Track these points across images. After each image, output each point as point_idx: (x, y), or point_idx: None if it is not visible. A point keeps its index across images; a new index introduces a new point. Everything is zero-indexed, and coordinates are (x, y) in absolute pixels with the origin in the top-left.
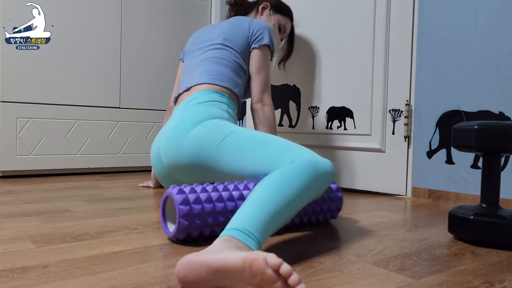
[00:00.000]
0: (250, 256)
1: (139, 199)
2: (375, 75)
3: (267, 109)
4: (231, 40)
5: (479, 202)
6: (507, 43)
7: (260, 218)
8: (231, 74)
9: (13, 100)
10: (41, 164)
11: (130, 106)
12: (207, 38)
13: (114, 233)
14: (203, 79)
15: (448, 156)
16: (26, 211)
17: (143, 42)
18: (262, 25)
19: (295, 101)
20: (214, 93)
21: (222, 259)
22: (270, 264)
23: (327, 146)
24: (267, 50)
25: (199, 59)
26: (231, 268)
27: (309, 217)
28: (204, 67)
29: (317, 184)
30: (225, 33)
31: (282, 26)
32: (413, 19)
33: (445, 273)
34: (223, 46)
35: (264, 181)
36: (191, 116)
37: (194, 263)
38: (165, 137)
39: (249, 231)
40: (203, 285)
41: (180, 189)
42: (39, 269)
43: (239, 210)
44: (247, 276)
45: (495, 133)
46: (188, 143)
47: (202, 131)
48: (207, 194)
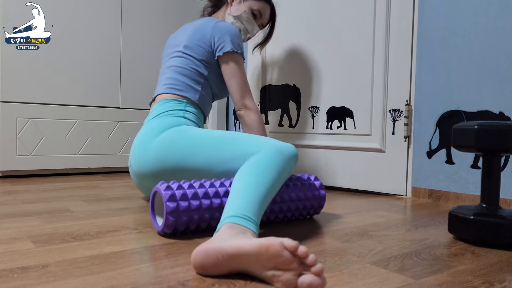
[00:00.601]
0: (265, 242)
1: (139, 199)
2: (375, 75)
3: (252, 114)
4: (191, 48)
5: (479, 202)
6: (507, 43)
7: (252, 202)
8: (188, 81)
9: (13, 100)
10: (41, 164)
11: (130, 106)
12: (173, 44)
13: (114, 233)
14: (163, 88)
15: (448, 156)
16: (26, 211)
17: (143, 42)
18: (223, 31)
19: (295, 101)
20: (171, 102)
21: (237, 245)
22: (287, 247)
23: (327, 146)
24: (234, 55)
25: (165, 66)
26: (248, 253)
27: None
28: (167, 75)
29: (286, 166)
30: (186, 40)
31: (257, 11)
32: (413, 19)
33: (445, 273)
34: (183, 54)
35: (243, 170)
36: (152, 129)
37: (210, 251)
38: (133, 152)
39: (247, 215)
40: (221, 268)
41: (168, 186)
42: (39, 269)
43: (230, 198)
44: (263, 259)
45: (495, 133)
46: (153, 152)
47: (165, 138)
48: (194, 191)
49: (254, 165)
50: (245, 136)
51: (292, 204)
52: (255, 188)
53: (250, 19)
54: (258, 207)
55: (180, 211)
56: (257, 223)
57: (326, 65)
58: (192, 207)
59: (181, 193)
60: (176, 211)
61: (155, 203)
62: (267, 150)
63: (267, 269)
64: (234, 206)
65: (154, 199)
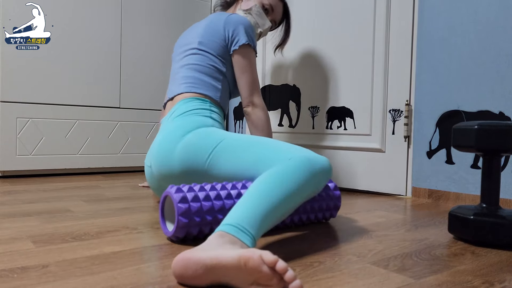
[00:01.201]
0: (244, 254)
1: (139, 199)
2: (375, 75)
3: (258, 112)
4: (206, 44)
5: (479, 202)
6: (507, 43)
7: (254, 214)
8: (208, 79)
9: (13, 100)
10: (41, 164)
11: (130, 106)
12: (185, 42)
13: (114, 233)
14: (182, 87)
15: (448, 156)
16: (26, 211)
17: (143, 42)
18: (236, 23)
19: (295, 101)
20: (195, 101)
21: (216, 257)
22: (265, 262)
23: (327, 146)
24: (247, 48)
25: (179, 65)
26: (226, 265)
27: (308, 215)
28: (182, 74)
29: (314, 181)
30: (200, 36)
31: (268, 5)
32: (413, 19)
33: (445, 273)
34: (198, 51)
35: (260, 178)
36: (177, 129)
37: (189, 262)
38: (154, 152)
39: (243, 227)
40: (201, 281)
41: (178, 188)
42: (39, 269)
43: (235, 206)
44: (243, 273)
45: (495, 133)
46: (179, 154)
47: (192, 140)
48: (205, 193)
49: (272, 174)
50: (278, 143)
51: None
52: (263, 199)
53: (261, 13)
54: (260, 220)
55: (192, 212)
56: (254, 236)
57: (326, 65)
58: (204, 208)
59: (193, 195)
60: (188, 212)
61: (165, 209)
62: (296, 159)
63: (248, 284)
64: (234, 215)
65: (163, 206)
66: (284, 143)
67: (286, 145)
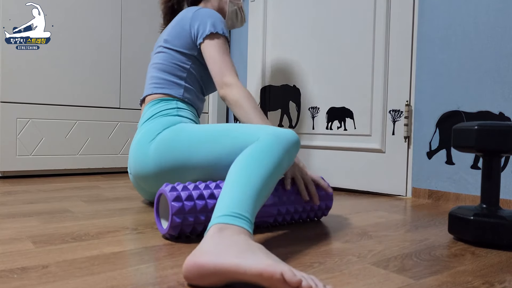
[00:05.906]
0: (267, 270)
1: (139, 199)
2: (375, 75)
3: (233, 90)
4: (171, 41)
5: (479, 203)
6: (507, 43)
7: (245, 198)
8: (170, 77)
9: (13, 100)
10: (41, 165)
11: (130, 106)
12: (158, 41)
13: (114, 234)
14: (149, 88)
15: (448, 157)
16: (26, 211)
17: (143, 42)
18: (203, 17)
19: (295, 102)
20: (160, 102)
21: (236, 268)
22: (289, 283)
23: (327, 146)
24: (212, 37)
25: (149, 64)
26: (247, 277)
27: (300, 215)
28: (150, 74)
29: (286, 154)
30: (167, 34)
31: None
32: (413, 19)
33: (445, 274)
34: (164, 49)
35: (237, 162)
36: (147, 133)
37: (204, 270)
38: (131, 159)
39: (238, 213)
40: (216, 284)
41: (173, 187)
42: (39, 270)
43: (221, 195)
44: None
45: (495, 134)
46: (153, 156)
47: (163, 140)
48: (199, 192)
49: (248, 156)
50: (244, 126)
51: (299, 206)
52: (248, 181)
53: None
54: (251, 202)
55: (186, 211)
56: (252, 221)
57: (326, 65)
58: (198, 207)
59: (187, 194)
60: (181, 211)
61: (160, 207)
62: (264, 138)
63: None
64: (226, 204)
65: (158, 203)
66: (249, 125)
67: (251, 126)
